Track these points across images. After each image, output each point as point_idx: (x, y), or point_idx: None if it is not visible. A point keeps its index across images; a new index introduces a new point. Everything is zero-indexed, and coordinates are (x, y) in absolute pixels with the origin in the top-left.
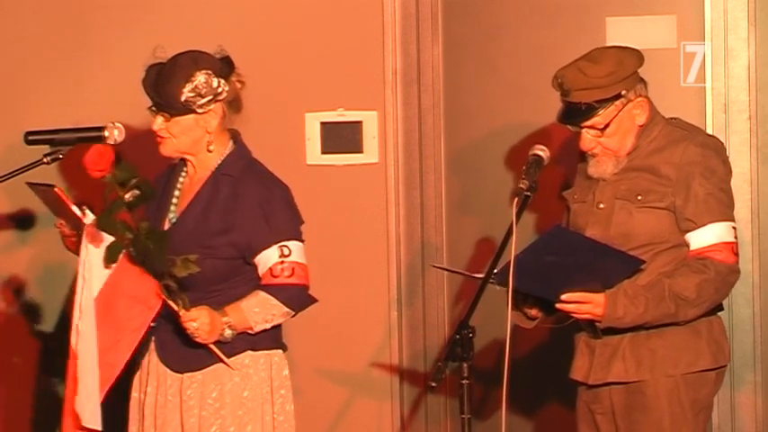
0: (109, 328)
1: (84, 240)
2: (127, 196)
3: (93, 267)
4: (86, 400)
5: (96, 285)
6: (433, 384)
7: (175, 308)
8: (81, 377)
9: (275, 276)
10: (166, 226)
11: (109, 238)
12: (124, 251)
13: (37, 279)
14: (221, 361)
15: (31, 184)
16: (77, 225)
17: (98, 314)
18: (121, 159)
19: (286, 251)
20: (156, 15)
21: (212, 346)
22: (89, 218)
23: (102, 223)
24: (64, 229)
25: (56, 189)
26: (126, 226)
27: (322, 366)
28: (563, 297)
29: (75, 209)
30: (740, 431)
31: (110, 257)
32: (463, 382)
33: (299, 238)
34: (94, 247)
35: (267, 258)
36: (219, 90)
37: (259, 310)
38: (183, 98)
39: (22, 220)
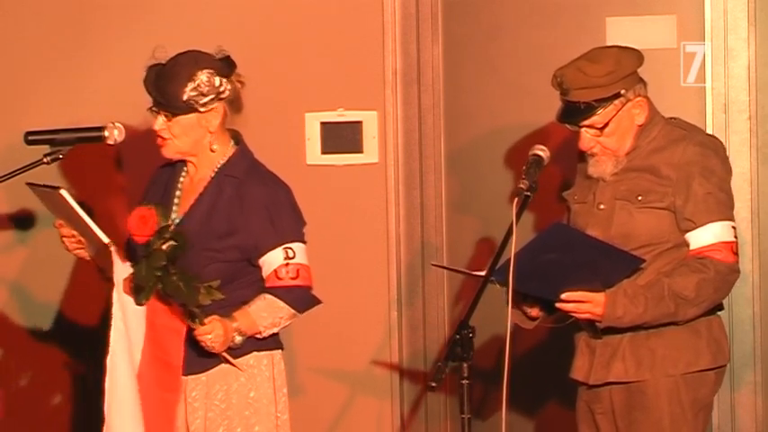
0: (159, 364)
1: (120, 289)
2: (164, 247)
3: (128, 309)
4: None
5: (137, 325)
6: (433, 384)
7: (192, 326)
8: (109, 414)
9: (280, 279)
10: None
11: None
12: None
13: (37, 279)
14: (231, 364)
15: (32, 185)
16: (82, 229)
17: (148, 357)
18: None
19: (290, 253)
20: (155, 15)
21: (224, 354)
22: (122, 267)
23: (139, 277)
24: (63, 229)
25: (61, 192)
26: (156, 267)
27: (322, 366)
28: (563, 296)
29: (83, 214)
30: (740, 431)
31: (144, 296)
32: (463, 382)
33: (302, 239)
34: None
35: (272, 260)
36: (222, 89)
37: (267, 315)
38: (185, 97)
39: (22, 221)
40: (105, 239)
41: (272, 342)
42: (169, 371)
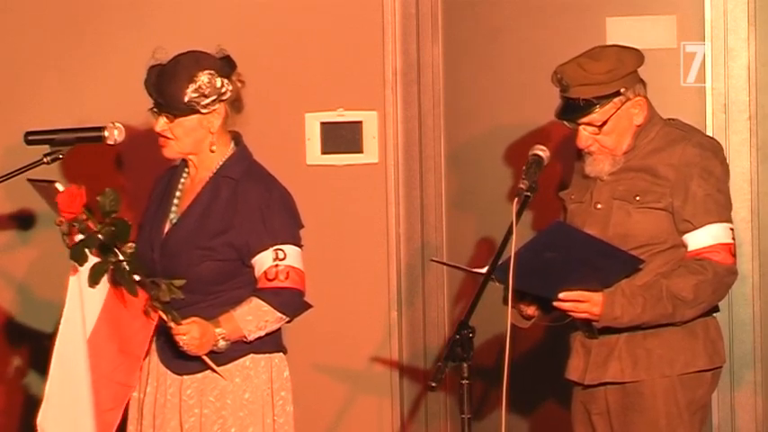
0: (115, 347)
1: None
2: (100, 235)
3: (84, 290)
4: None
5: (91, 308)
6: (433, 384)
7: (166, 319)
8: (49, 397)
9: (270, 280)
10: (167, 227)
11: (94, 258)
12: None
13: (37, 279)
14: (213, 371)
15: (32, 181)
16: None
17: (103, 336)
18: (107, 188)
19: (281, 254)
20: (155, 15)
21: (204, 357)
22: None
23: (73, 254)
24: (64, 227)
25: (56, 185)
26: (109, 249)
27: (322, 366)
28: (561, 296)
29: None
30: (740, 431)
31: (92, 278)
32: (463, 382)
33: (295, 242)
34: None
35: (262, 261)
36: (223, 90)
37: (252, 318)
38: (186, 99)
39: (23, 220)
40: None
41: (272, 345)
42: (128, 360)
